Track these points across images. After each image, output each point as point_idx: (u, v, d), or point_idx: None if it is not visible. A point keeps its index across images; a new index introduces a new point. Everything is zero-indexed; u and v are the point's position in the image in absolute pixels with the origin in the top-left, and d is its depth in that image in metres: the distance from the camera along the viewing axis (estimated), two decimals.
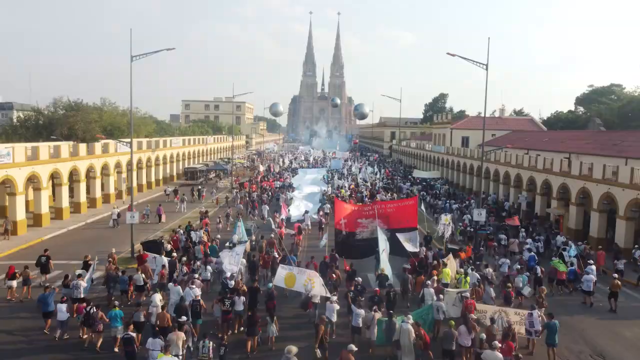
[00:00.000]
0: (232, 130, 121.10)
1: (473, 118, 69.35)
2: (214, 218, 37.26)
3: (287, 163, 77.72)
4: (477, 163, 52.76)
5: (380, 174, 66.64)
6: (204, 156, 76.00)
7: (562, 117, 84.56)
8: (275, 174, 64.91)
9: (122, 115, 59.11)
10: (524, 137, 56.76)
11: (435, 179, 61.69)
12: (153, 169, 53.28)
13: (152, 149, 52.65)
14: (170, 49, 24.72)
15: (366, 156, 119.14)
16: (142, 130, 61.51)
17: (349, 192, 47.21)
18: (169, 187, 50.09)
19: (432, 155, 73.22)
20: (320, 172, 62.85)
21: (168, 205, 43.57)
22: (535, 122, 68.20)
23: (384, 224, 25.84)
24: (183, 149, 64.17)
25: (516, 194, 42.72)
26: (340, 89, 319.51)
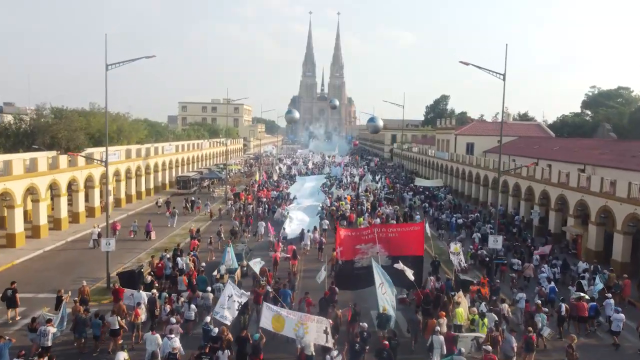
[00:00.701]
0: (229, 133, 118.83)
1: (478, 123, 66.80)
2: (206, 236, 34.73)
3: (285, 169, 75.00)
4: (483, 172, 50.21)
5: (382, 182, 64.08)
6: (199, 162, 73.45)
7: (569, 121, 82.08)
8: (273, 182, 62.35)
9: (113, 121, 56.51)
10: (533, 145, 54.20)
11: (438, 188, 59.19)
12: (143, 178, 50.70)
13: (143, 157, 50.06)
14: (149, 56, 22.17)
15: (367, 160, 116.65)
16: (133, 137, 58.97)
17: (349, 204, 44.64)
18: (160, 198, 47.56)
19: (435, 161, 70.62)
20: (319, 180, 60.35)
21: (159, 218, 41.08)
22: (543, 127, 65.67)
23: (384, 250, 23.35)
24: (176, 155, 61.59)
25: (527, 207, 40.14)
26: (340, 89, 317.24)
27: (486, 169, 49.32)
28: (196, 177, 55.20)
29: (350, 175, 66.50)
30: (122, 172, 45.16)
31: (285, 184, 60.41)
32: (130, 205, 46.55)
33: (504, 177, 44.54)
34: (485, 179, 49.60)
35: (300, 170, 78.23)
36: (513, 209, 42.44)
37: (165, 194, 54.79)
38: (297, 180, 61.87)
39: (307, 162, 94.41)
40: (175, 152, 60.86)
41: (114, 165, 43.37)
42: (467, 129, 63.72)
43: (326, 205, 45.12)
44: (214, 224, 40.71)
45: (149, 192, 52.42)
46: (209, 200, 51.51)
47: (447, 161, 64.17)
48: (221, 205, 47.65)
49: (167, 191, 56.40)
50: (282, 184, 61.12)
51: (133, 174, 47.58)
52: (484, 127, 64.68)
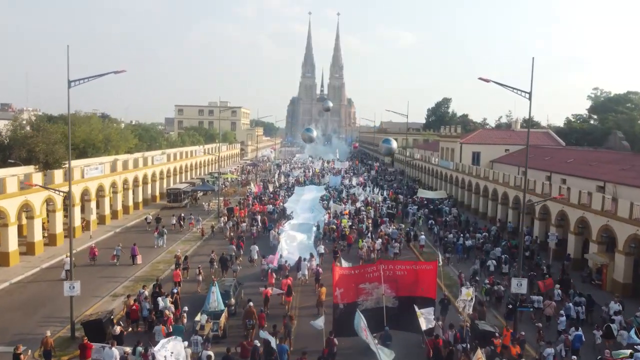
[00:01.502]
0: (226, 137, 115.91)
1: (484, 131, 63.90)
2: (196, 260, 31.86)
3: (283, 178, 72.01)
4: (492, 185, 47.27)
5: (384, 193, 61.13)
6: (193, 170, 70.42)
7: (577, 127, 79.13)
8: (269, 193, 59.39)
9: (99, 131, 53.48)
10: (544, 155, 51.24)
11: (441, 199, 56.30)
12: (131, 192, 47.71)
13: (130, 169, 47.06)
14: (118, 71, 19.16)
15: (367, 165, 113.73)
16: (122, 146, 55.95)
17: (350, 222, 41.68)
18: (150, 214, 44.58)
19: (439, 170, 67.70)
20: (318, 191, 57.47)
21: (147, 236, 38.24)
22: (552, 135, 62.74)
23: (391, 290, 20.54)
24: (168, 165, 58.59)
25: (542, 227, 37.20)
26: (340, 90, 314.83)
27: (495, 183, 46.36)
28: (188, 189, 52.23)
29: (349, 185, 63.54)
30: (107, 186, 42.16)
31: (282, 195, 57.51)
32: (116, 222, 43.56)
33: (514, 192, 41.67)
34: (494, 193, 46.64)
35: (299, 178, 75.36)
36: (526, 227, 39.40)
37: (155, 207, 51.84)
38: (295, 191, 59.06)
39: (306, 169, 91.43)
40: (166, 162, 57.86)
41: (97, 180, 40.42)
42: (472, 137, 60.80)
43: (324, 221, 42.32)
44: (205, 244, 37.86)
45: (137, 206, 49.44)
46: (202, 214, 48.69)
47: (451, 171, 61.29)
48: (214, 221, 44.70)
49: (157, 204, 53.43)
50: (279, 195, 58.26)
51: (119, 188, 44.59)
52: (490, 135, 61.78)
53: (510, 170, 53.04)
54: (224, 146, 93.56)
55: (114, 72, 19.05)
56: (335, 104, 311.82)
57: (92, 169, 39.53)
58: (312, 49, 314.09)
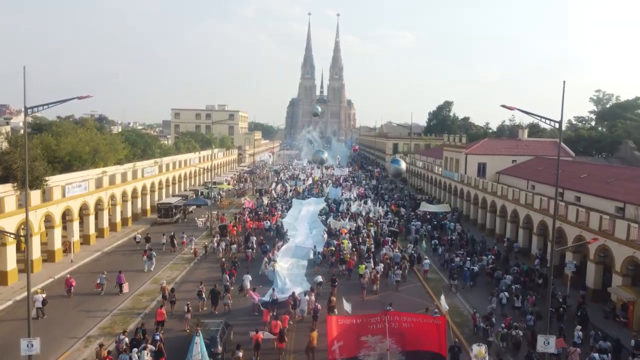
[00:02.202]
0: (224, 142, 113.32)
1: (490, 141, 61.33)
2: (185, 289, 29.42)
3: (280, 189, 69.40)
4: (500, 201, 44.71)
5: (385, 206, 58.62)
6: (187, 180, 67.84)
7: (584, 135, 76.60)
8: (266, 207, 56.82)
9: (87, 142, 50.85)
10: (554, 168, 48.47)
11: (445, 213, 53.86)
12: (119, 207, 45.13)
13: (118, 184, 44.50)
14: (83, 97, 16.61)
15: (367, 171, 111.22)
16: (111, 158, 53.33)
17: (349, 241, 39.13)
18: (138, 232, 42.00)
19: (443, 180, 65.20)
20: (318, 204, 55.02)
21: (136, 258, 35.81)
22: (561, 145, 60.02)
23: (397, 344, 18.14)
24: (159, 176, 56.00)
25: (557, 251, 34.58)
26: (340, 91, 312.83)
27: (504, 199, 43.80)
28: (179, 203, 49.63)
29: (350, 197, 60.97)
30: (92, 204, 39.59)
31: (279, 209, 54.96)
32: (101, 242, 40.98)
33: (526, 211, 39.13)
34: (503, 210, 44.08)
35: (298, 188, 72.78)
36: (538, 250, 36.91)
37: (145, 222, 49.31)
38: (294, 203, 56.56)
39: (305, 177, 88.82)
40: (158, 174, 55.29)
41: (81, 198, 37.86)
42: (478, 147, 58.27)
43: (323, 242, 39.84)
44: (197, 268, 35.38)
45: (125, 222, 46.86)
46: (195, 230, 46.21)
47: (456, 182, 58.79)
48: (206, 240, 42.14)
49: (147, 218, 50.87)
50: (276, 208, 55.71)
51: (105, 205, 42.00)
52: (496, 145, 59.25)
53: (518, 183, 50.59)
54: (220, 153, 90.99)
55: (77, 97, 16.51)
56: (334, 105, 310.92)
57: (75, 186, 36.98)
58: (311, 50, 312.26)
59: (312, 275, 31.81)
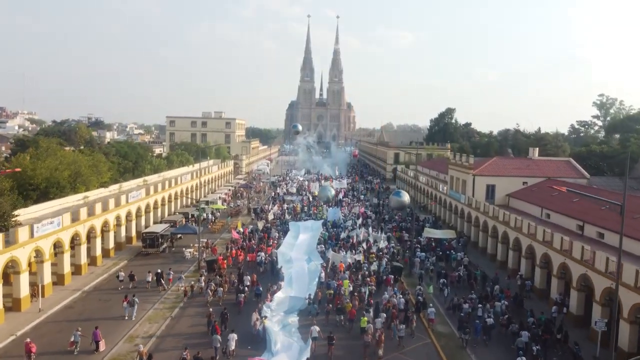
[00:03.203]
0: (220, 152, 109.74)
1: (498, 160, 57.82)
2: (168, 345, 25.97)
3: (277, 208, 65.83)
4: (513, 234, 41.16)
5: (387, 229, 55.23)
6: (178, 199, 64.24)
7: (595, 150, 73.07)
8: (260, 232, 53.31)
9: (67, 165, 47.22)
10: (570, 196, 44.95)
11: (451, 239, 50.47)
12: (98, 240, 41.55)
13: (98, 215, 40.92)
14: None
15: (368, 182, 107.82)
16: (94, 182, 49.71)
17: (351, 285, 35.58)
18: (122, 270, 38.39)
19: (448, 201, 61.71)
20: (315, 229, 51.67)
21: (116, 301, 32.38)
22: (574, 165, 56.65)
23: None
24: (147, 199, 52.43)
25: (580, 298, 31.04)
26: (339, 94, 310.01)
27: (518, 231, 40.21)
28: (166, 232, 46.02)
29: (349, 222, 57.51)
30: (67, 240, 36.03)
31: (274, 235, 51.50)
32: (78, 280, 37.38)
33: (543, 249, 35.59)
34: (517, 243, 40.52)
35: (296, 207, 69.33)
36: (559, 295, 33.35)
37: (129, 251, 45.75)
38: (291, 227, 53.27)
39: (303, 193, 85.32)
40: (145, 197, 51.71)
41: (54, 235, 34.28)
42: (486, 167, 54.73)
43: (321, 280, 36.48)
44: (182, 316, 31.92)
45: (107, 253, 43.30)
46: (182, 263, 42.77)
47: (462, 204, 55.29)
48: (194, 277, 38.61)
49: (132, 247, 47.27)
50: (270, 234, 52.28)
51: (83, 239, 38.43)
52: (506, 166, 55.72)
53: (530, 210, 47.18)
54: (215, 166, 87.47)
55: None
56: (334, 108, 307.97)
57: (47, 223, 33.41)
58: (311, 52, 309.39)
59: (308, 326, 28.38)
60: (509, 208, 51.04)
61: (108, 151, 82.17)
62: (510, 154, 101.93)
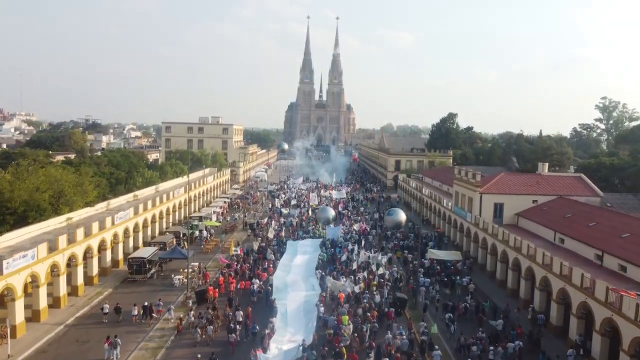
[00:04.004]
0: (216, 159, 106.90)
1: (506, 176, 54.96)
2: None
3: (274, 224, 62.96)
4: (525, 262, 38.30)
5: (389, 250, 52.44)
6: (170, 215, 61.36)
7: (606, 163, 70.20)
8: (255, 253, 50.51)
9: (49, 185, 44.34)
10: (585, 218, 42.13)
11: (455, 261, 47.80)
12: (80, 268, 38.66)
13: (79, 241, 38.05)
14: None
15: (369, 191, 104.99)
16: (78, 202, 46.80)
17: (351, 322, 32.73)
18: (106, 304, 35.39)
19: (453, 217, 58.90)
20: (314, 250, 49.28)
21: (96, 344, 29.60)
22: (586, 181, 53.81)
23: None
24: (135, 219, 49.54)
25: (604, 343, 28.20)
26: (339, 96, 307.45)
27: (531, 260, 37.31)
28: (154, 257, 43.12)
29: (349, 242, 54.73)
30: (43, 274, 33.19)
31: (270, 257, 48.75)
32: (56, 315, 34.45)
33: (563, 285, 32.73)
34: (529, 272, 37.67)
35: (293, 222, 66.63)
36: (578, 336, 30.50)
37: (115, 277, 42.86)
38: (288, 247, 50.76)
39: (303, 204, 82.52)
40: (133, 216, 48.83)
41: (27, 269, 31.42)
42: (494, 185, 51.87)
43: (319, 314, 33.74)
44: (171, 358, 29.11)
45: (90, 281, 40.44)
46: (171, 292, 39.95)
47: (469, 223, 52.50)
48: (182, 310, 35.76)
49: (119, 272, 44.31)
50: (265, 255, 49.54)
51: (62, 270, 35.57)
52: (515, 183, 52.87)
53: (542, 232, 44.40)
54: (211, 176, 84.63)
55: None
56: (334, 110, 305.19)
57: (19, 257, 30.55)
58: (310, 53, 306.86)
59: None
60: (518, 228, 48.28)
61: (100, 161, 79.47)
62: (515, 163, 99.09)
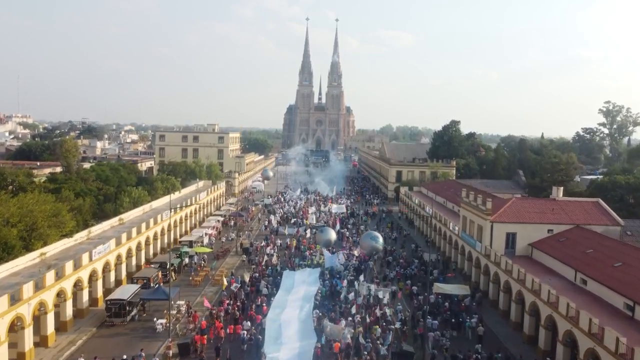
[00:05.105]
0: (211, 170, 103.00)
1: (519, 202, 51.04)
2: None
3: (270, 250, 59.13)
4: (546, 309, 34.46)
5: (393, 282, 48.68)
6: (157, 240, 57.42)
7: (620, 182, 66.39)
8: (247, 287, 46.74)
9: (20, 217, 40.44)
10: (608, 256, 38.24)
11: (463, 296, 44.20)
12: (51, 315, 34.73)
13: (48, 287, 34.13)
14: None
15: (369, 204, 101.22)
16: (53, 235, 42.84)
17: None
18: (82, 357, 31.49)
19: (460, 243, 55.09)
20: (311, 282, 45.75)
21: None
22: (604, 208, 49.97)
23: None
24: (117, 250, 45.64)
25: None
26: (339, 99, 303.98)
27: (553, 309, 33.40)
28: (135, 299, 39.16)
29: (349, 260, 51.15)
30: (3, 330, 29.32)
31: (265, 290, 45.12)
32: None
33: (593, 346, 28.84)
34: (550, 321, 33.82)
35: (290, 244, 63.00)
36: None
37: (91, 320, 38.92)
38: (283, 279, 47.16)
39: (300, 219, 78.82)
40: (114, 248, 44.90)
41: None
42: (505, 212, 47.99)
43: None
44: None
45: (63, 327, 36.56)
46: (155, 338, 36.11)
47: (478, 253, 48.73)
48: None
49: (96, 313, 40.31)
50: (259, 287, 45.90)
51: (27, 322, 31.66)
52: (527, 209, 48.98)
53: (560, 268, 40.61)
54: (204, 192, 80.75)
55: None
56: (333, 113, 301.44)
57: None
58: (309, 56, 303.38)
59: None
60: (532, 261, 44.59)
61: (87, 176, 75.68)
62: (522, 176, 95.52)
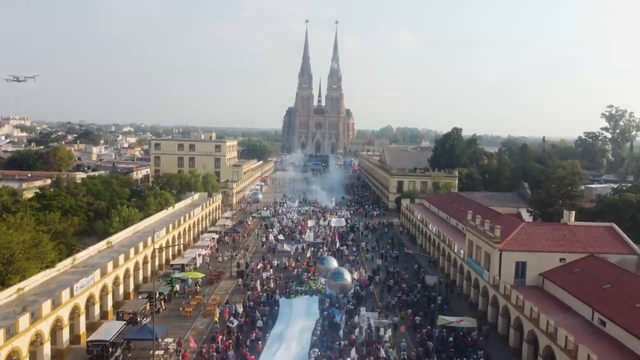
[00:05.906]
0: (207, 181, 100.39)
1: (528, 228, 48.35)
2: None
3: (266, 274, 56.50)
4: (564, 357, 31.79)
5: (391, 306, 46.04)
6: (148, 263, 54.67)
7: (633, 201, 63.65)
8: (241, 318, 44.08)
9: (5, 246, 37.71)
10: (631, 293, 35.53)
11: (469, 329, 41.60)
12: None
13: (25, 330, 31.42)
14: None
15: (370, 217, 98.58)
16: (33, 267, 40.06)
17: None
18: None
19: (465, 268, 52.41)
20: (310, 314, 43.71)
21: None
22: (618, 233, 47.29)
23: None
24: (103, 281, 42.92)
25: None
26: (338, 101, 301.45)
27: (569, 356, 30.82)
28: (118, 339, 36.38)
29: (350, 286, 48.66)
30: None
31: (260, 323, 42.54)
32: None
33: None
34: None
35: (288, 264, 60.51)
36: None
37: None
38: (280, 308, 44.94)
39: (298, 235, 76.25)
40: (100, 279, 42.16)
41: None
42: (515, 239, 45.33)
43: None
44: None
45: None
46: None
47: (485, 282, 46.10)
48: None
49: (79, 350, 37.55)
50: (254, 319, 43.36)
51: None
52: (538, 235, 46.31)
53: (574, 304, 37.96)
54: (199, 207, 78.04)
55: None
56: (333, 116, 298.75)
57: None
58: (309, 58, 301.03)
59: None
60: (544, 292, 42.02)
61: (77, 191, 72.95)
62: (527, 189, 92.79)
